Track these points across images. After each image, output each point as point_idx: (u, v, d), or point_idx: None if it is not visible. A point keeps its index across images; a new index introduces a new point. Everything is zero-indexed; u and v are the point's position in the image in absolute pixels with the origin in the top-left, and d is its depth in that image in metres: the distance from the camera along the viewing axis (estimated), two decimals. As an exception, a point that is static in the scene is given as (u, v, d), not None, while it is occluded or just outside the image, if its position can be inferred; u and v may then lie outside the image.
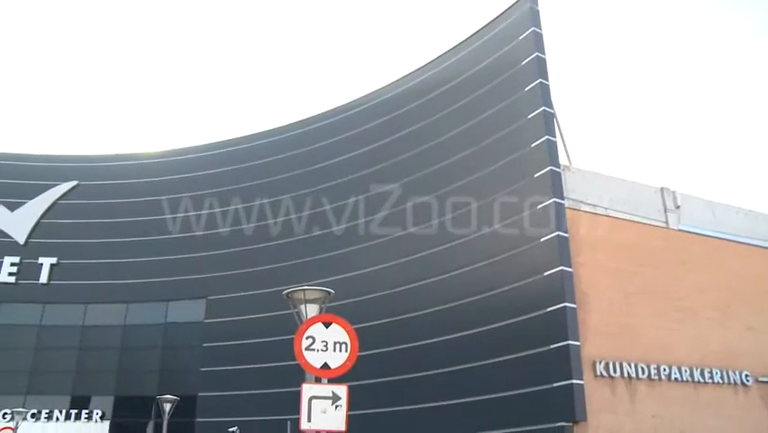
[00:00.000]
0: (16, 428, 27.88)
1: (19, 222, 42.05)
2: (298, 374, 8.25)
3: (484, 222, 27.12)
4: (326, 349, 7.74)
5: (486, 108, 29.10)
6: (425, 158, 31.21)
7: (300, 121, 39.06)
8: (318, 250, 33.39)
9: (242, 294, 34.88)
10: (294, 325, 8.55)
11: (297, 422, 8.19)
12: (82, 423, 37.12)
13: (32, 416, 35.44)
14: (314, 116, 38.53)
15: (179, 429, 29.82)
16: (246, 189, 38.04)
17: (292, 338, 7.98)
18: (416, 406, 26.46)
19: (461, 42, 32.11)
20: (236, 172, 39.12)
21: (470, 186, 28.46)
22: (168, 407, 23.26)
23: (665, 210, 27.51)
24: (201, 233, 37.95)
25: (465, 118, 30.05)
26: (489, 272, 26.17)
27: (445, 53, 32.87)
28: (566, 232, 23.98)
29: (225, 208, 38.05)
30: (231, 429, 31.82)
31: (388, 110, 34.46)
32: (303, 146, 37.56)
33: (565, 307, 22.70)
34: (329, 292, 9.34)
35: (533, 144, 26.07)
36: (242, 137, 41.11)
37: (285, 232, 35.19)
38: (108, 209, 40.98)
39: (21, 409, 30.37)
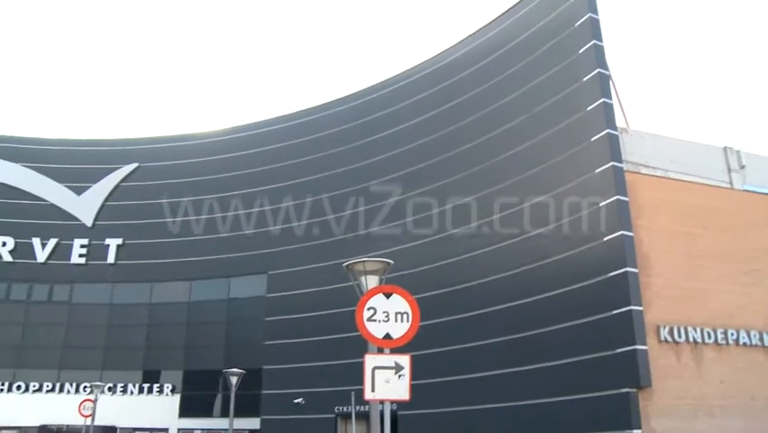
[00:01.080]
0: (96, 400, 29.07)
1: (85, 205, 43.45)
2: (361, 345, 8.36)
3: (542, 188, 26.78)
4: (388, 320, 7.79)
5: (540, 73, 28.59)
6: (480, 125, 30.89)
7: (353, 94, 39.04)
8: (377, 221, 33.49)
9: (303, 268, 35.28)
10: (355, 297, 8.63)
11: (360, 393, 8.30)
12: (154, 396, 38.50)
13: (109, 389, 36.90)
14: (367, 88, 38.44)
15: (246, 401, 30.62)
16: (305, 163, 38.29)
17: (353, 310, 8.07)
18: (478, 374, 26.52)
19: (513, 6, 31.51)
20: (294, 147, 39.41)
21: (526, 153, 28.09)
22: (234, 380, 23.81)
23: (729, 170, 26.67)
24: (261, 209, 38.48)
25: (519, 84, 29.58)
26: (549, 239, 25.87)
27: (497, 18, 32.32)
28: (626, 196, 23.53)
29: (285, 183, 38.43)
30: (296, 400, 32.50)
31: (441, 79, 34.14)
32: (358, 118, 37.54)
33: (627, 272, 22.35)
34: (388, 263, 9.35)
35: (588, 108, 25.55)
36: (297, 112, 41.37)
37: (343, 204, 35.36)
38: (169, 189, 41.88)
39: (98, 383, 31.72)
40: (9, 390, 39.42)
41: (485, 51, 32.16)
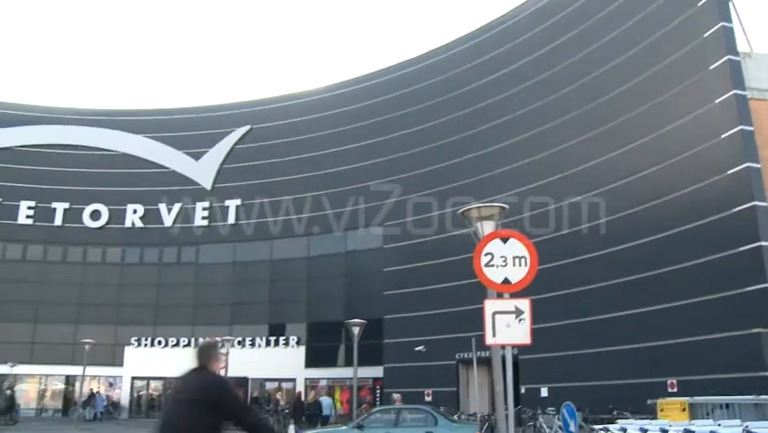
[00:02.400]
0: (227, 354, 30.69)
1: (204, 170, 45.37)
2: (480, 291, 8.43)
3: (659, 123, 25.72)
4: (506, 264, 7.77)
5: (652, 1, 27.26)
6: (593, 60, 29.84)
7: (464, 36, 38.49)
8: (491, 166, 33.12)
9: (419, 217, 35.49)
10: (472, 243, 8.67)
11: (481, 338, 8.36)
12: (281, 348, 40.23)
13: (239, 343, 38.86)
14: (474, 31, 37.82)
15: (369, 350, 31.42)
16: (412, 114, 38.30)
17: (470, 256, 8.11)
18: (598, 317, 26.13)
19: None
20: (400, 98, 39.43)
21: (643, 85, 26.98)
22: (356, 330, 24.45)
23: None
24: (375, 161, 38.88)
25: (630, 14, 28.30)
26: (669, 175, 24.92)
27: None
28: (750, 125, 22.26)
29: (395, 134, 38.62)
30: (417, 348, 33.08)
31: (552, 13, 33.04)
32: (466, 63, 36.99)
33: (755, 206, 21.29)
34: (504, 208, 9.29)
35: (706, 34, 24.19)
36: (400, 63, 41.35)
37: (457, 151, 35.14)
38: (281, 148, 42.99)
39: (228, 338, 33.44)
40: (151, 345, 42.50)
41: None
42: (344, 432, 17.97)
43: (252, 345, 40.64)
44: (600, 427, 13.93)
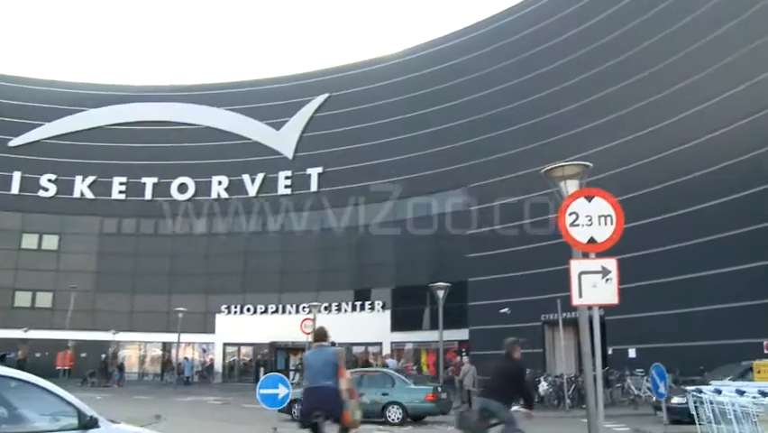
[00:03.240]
0: (314, 319, 31.38)
1: (285, 139, 46.12)
2: (565, 251, 8.31)
3: (748, 73, 24.51)
4: (591, 223, 7.65)
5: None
6: (682, 6, 28.70)
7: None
8: (573, 125, 32.39)
9: (503, 178, 35.02)
10: (556, 203, 8.55)
11: (566, 299, 8.27)
12: (366, 313, 40.82)
13: (325, 308, 39.60)
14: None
15: (454, 313, 31.51)
16: (490, 74, 37.72)
17: (555, 217, 8.00)
18: (691, 275, 25.35)
19: None
20: (477, 59, 38.91)
21: (732, 32, 25.77)
22: (441, 294, 24.56)
23: None
24: (456, 123, 38.59)
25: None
26: (758, 129, 23.80)
27: None
28: None
29: (473, 96, 38.18)
30: (502, 310, 32.93)
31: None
32: (547, 18, 36.10)
33: None
34: (587, 166, 9.09)
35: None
36: (474, 24, 40.87)
37: (538, 110, 34.49)
38: (361, 114, 43.18)
39: (315, 303, 34.16)
40: (240, 312, 43.92)
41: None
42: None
43: (339, 310, 41.38)
44: (693, 388, 13.60)
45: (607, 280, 7.59)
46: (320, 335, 10.02)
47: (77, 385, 34.06)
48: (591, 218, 7.72)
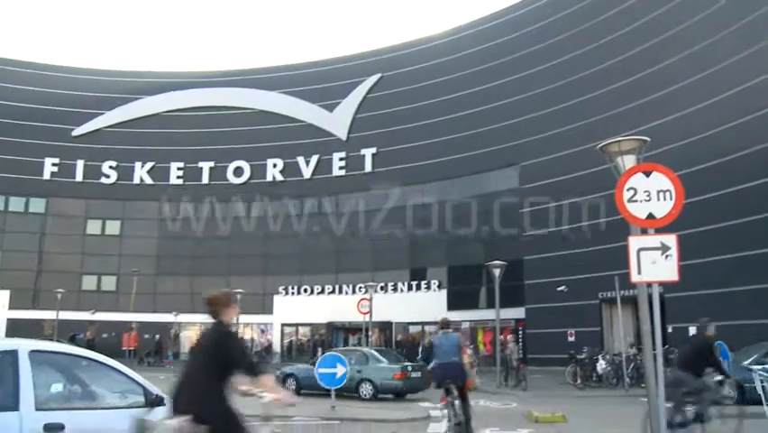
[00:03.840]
0: (371, 299, 31.61)
1: (338, 120, 46.31)
2: (623, 228, 8.20)
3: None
4: (649, 199, 7.51)
5: None
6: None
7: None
8: (628, 99, 31.74)
9: (555, 156, 34.66)
10: (612, 179, 8.42)
11: (624, 277, 8.15)
12: (423, 292, 40.91)
13: (381, 288, 39.81)
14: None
15: (510, 292, 31.37)
16: (545, 49, 37.23)
17: (612, 193, 7.90)
18: (755, 251, 24.69)
19: None
20: (532, 33, 38.47)
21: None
22: (497, 272, 24.44)
23: None
24: (507, 100, 38.23)
25: None
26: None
27: None
28: None
29: (526, 72, 37.74)
30: (559, 288, 32.68)
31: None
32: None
33: None
34: (645, 140, 8.90)
35: None
36: (523, 1, 40.22)
37: (590, 86, 33.91)
38: (412, 94, 43.03)
39: (371, 283, 34.36)
40: (298, 293, 44.53)
41: None
42: (300, 370, 21.37)
43: (395, 289, 41.57)
44: (760, 367, 13.31)
45: (666, 256, 7.45)
46: (445, 323, 12.38)
47: (134, 365, 35.11)
48: (650, 194, 7.58)
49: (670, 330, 26.94)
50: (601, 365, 24.05)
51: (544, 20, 38.03)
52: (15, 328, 41.83)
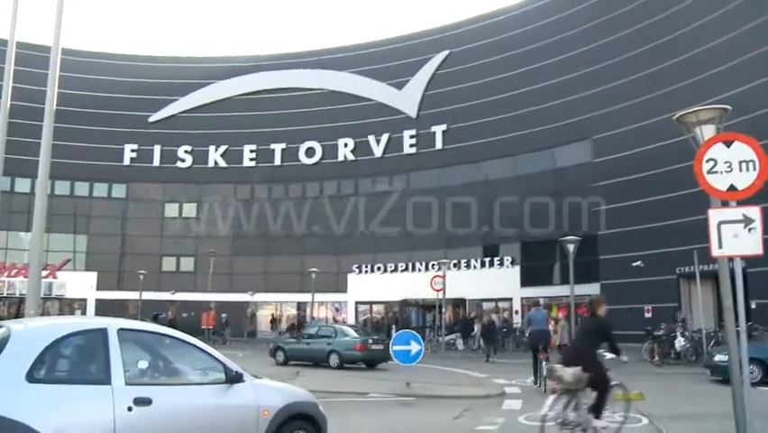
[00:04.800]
0: (444, 276, 31.66)
1: (407, 98, 46.23)
2: (702, 201, 7.98)
3: None
4: (731, 170, 7.24)
5: None
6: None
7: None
8: (704, 67, 30.63)
9: (628, 128, 33.83)
10: (689, 150, 8.18)
11: (704, 251, 7.94)
12: (496, 269, 40.68)
13: (454, 265, 39.81)
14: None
15: (584, 267, 30.81)
16: (618, 18, 36.24)
17: (689, 165, 7.68)
18: None
19: None
20: (601, 3, 37.43)
21: None
22: (571, 248, 24.06)
23: None
24: (577, 74, 37.44)
25: None
26: None
27: None
28: None
29: (598, 42, 36.83)
30: (635, 263, 31.99)
31: None
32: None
33: None
34: (725, 109, 8.59)
35: None
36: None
37: (665, 54, 32.83)
38: (482, 70, 42.57)
39: (444, 260, 34.41)
40: (371, 271, 44.92)
41: None
42: (287, 343, 24.99)
43: (468, 266, 41.47)
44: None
45: (749, 229, 7.20)
46: (536, 303, 19.06)
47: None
48: (731, 165, 7.32)
49: (753, 306, 26.05)
50: (680, 342, 23.50)
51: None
52: (102, 308, 43.78)
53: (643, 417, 11.07)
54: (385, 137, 46.31)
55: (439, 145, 44.38)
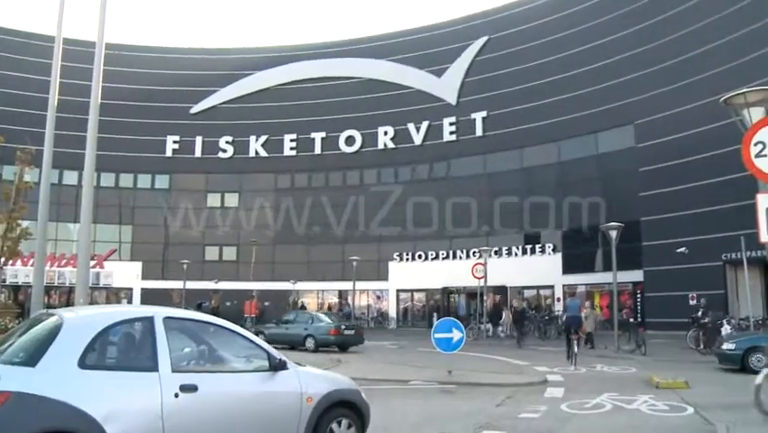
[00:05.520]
0: (485, 263, 31.54)
1: (447, 85, 46.02)
2: (749, 186, 7.82)
3: None
4: (780, 153, 7.11)
5: None
6: None
7: None
8: (750, 48, 29.88)
9: (672, 112, 33.20)
10: (736, 134, 8.01)
11: (752, 237, 7.77)
12: (537, 256, 40.39)
13: (495, 253, 39.61)
14: None
15: (627, 254, 30.38)
16: (653, 3, 35.69)
17: (736, 149, 7.52)
18: None
19: None
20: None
21: None
22: (613, 234, 23.77)
23: None
24: (620, 56, 36.83)
25: None
26: None
27: None
28: None
29: (643, 24, 36.20)
30: (679, 250, 31.46)
31: None
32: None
33: None
34: (775, 91, 8.39)
35: None
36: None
37: (710, 36, 32.12)
38: (522, 55, 42.14)
39: (485, 248, 34.30)
40: (413, 259, 44.97)
41: None
42: (268, 327, 25.96)
43: (509, 254, 41.27)
44: None
45: (800, 214, 7.03)
46: (572, 293, 21.79)
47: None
48: (780, 148, 7.15)
49: (804, 292, 25.54)
50: (726, 330, 23.06)
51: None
52: (147, 297, 44.65)
53: (688, 406, 10.91)
54: (425, 125, 46.20)
55: (479, 132, 44.12)
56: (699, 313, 23.36)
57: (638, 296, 34.93)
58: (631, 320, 28.68)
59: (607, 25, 38.03)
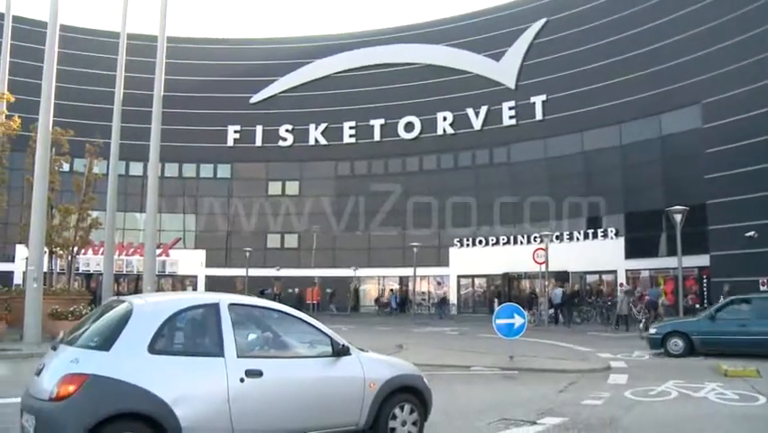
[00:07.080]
0: (546, 249, 31.24)
1: (505, 69, 45.47)
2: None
3: None
4: None
5: None
6: None
7: None
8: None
9: (741, 90, 31.97)
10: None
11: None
12: (599, 240, 39.69)
13: (557, 238, 39.11)
14: None
15: (692, 238, 29.58)
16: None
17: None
18: None
19: None
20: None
21: None
22: (678, 218, 23.23)
23: None
24: (683, 35, 35.76)
25: None
26: None
27: None
28: None
29: (700, 5, 35.02)
30: (748, 234, 30.53)
31: None
32: None
33: None
34: None
35: None
36: None
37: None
38: (582, 36, 41.29)
39: (547, 233, 34.01)
40: (473, 244, 44.79)
41: None
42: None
43: (570, 238, 40.67)
44: None
45: None
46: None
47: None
48: None
49: None
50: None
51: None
52: (212, 284, 45.71)
53: (760, 395, 10.65)
54: (484, 109, 45.79)
55: (539, 116, 43.48)
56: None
57: (704, 281, 34.03)
58: (697, 306, 28.01)
59: (668, 2, 36.89)
